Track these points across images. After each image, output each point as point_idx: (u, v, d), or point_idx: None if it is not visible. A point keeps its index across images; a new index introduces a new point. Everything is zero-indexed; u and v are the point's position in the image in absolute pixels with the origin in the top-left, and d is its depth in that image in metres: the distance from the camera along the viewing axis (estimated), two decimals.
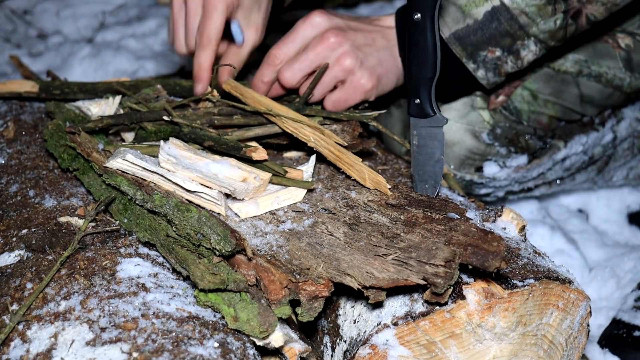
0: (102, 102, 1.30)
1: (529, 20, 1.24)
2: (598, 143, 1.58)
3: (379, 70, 1.30)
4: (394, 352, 0.98)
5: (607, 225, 1.80)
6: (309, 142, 1.15)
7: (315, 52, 1.27)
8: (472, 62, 1.30)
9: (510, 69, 1.31)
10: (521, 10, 1.23)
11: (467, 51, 1.29)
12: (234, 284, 0.93)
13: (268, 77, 1.31)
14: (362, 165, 1.13)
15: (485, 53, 1.28)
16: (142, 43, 2.55)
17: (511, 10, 1.24)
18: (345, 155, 1.13)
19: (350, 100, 1.30)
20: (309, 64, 1.28)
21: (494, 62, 1.29)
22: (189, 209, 1.00)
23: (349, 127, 1.23)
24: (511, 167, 1.51)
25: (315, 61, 1.28)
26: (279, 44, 1.30)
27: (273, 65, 1.29)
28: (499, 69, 1.31)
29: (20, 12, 2.77)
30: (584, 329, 1.09)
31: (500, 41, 1.27)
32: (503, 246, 0.95)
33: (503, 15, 1.24)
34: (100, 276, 0.98)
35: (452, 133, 1.46)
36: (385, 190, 1.11)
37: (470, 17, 1.26)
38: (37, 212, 1.12)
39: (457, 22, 1.27)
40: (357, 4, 2.77)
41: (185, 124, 1.17)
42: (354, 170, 1.13)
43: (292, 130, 1.17)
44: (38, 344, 0.90)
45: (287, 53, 1.29)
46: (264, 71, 1.30)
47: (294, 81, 1.28)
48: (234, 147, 1.12)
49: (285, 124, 1.18)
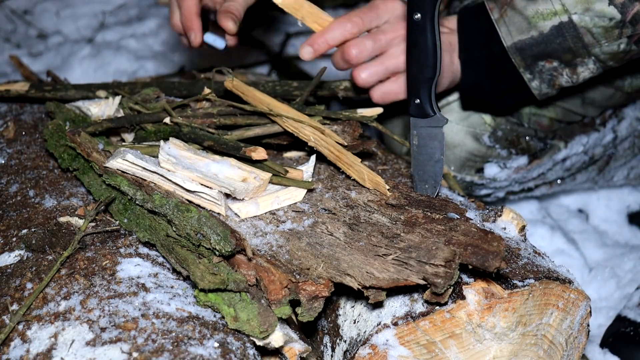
0: (102, 103, 1.30)
1: (593, 40, 1.24)
2: (599, 143, 1.58)
3: None
4: (394, 352, 0.98)
5: (607, 225, 1.80)
6: (309, 142, 1.16)
7: (386, 37, 1.28)
8: (528, 72, 1.30)
9: (564, 82, 1.31)
10: (588, 30, 1.23)
11: (526, 62, 1.29)
12: (234, 284, 0.93)
13: (336, 40, 1.29)
14: (361, 166, 1.13)
15: (544, 63, 1.28)
16: (142, 43, 2.55)
17: (578, 28, 1.23)
18: (344, 155, 1.13)
19: (400, 94, 1.30)
20: (379, 47, 1.28)
21: (550, 73, 1.29)
22: (189, 209, 1.00)
23: (349, 128, 1.23)
24: (511, 168, 1.51)
25: (383, 46, 1.28)
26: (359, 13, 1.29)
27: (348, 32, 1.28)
28: (554, 80, 1.31)
29: (20, 12, 2.77)
30: (584, 329, 1.09)
31: (561, 56, 1.27)
32: (503, 246, 0.95)
33: (569, 32, 1.24)
34: (100, 276, 0.98)
35: (453, 135, 1.46)
36: (384, 190, 1.11)
37: (535, 29, 1.26)
38: (37, 212, 1.12)
39: (521, 32, 1.26)
40: (357, 4, 2.77)
41: (184, 124, 1.17)
42: (354, 170, 1.13)
43: (292, 129, 1.17)
44: (38, 344, 0.90)
45: (365, 24, 1.29)
46: (334, 32, 1.28)
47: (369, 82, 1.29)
48: (233, 147, 1.12)
49: (285, 123, 1.18)
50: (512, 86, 1.34)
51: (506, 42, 1.28)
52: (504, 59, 1.29)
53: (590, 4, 1.21)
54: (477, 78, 1.35)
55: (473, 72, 1.34)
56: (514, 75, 1.31)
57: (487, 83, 1.35)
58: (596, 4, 1.21)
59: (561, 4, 1.23)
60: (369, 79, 1.29)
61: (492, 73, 1.33)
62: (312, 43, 1.29)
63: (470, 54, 1.33)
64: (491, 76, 1.33)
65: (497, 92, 1.36)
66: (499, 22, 1.28)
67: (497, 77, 1.33)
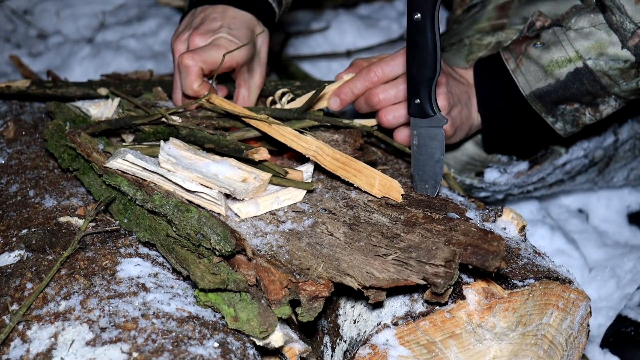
0: (102, 103, 1.30)
1: (611, 82, 1.25)
2: (599, 146, 1.58)
3: (457, 123, 1.32)
4: (394, 352, 0.98)
5: (607, 225, 1.80)
6: (308, 152, 1.13)
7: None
8: (551, 116, 1.31)
9: (588, 120, 1.32)
10: (604, 73, 1.24)
11: (547, 107, 1.30)
12: (234, 284, 0.93)
13: (359, 90, 1.30)
14: (373, 170, 1.10)
15: (565, 106, 1.30)
16: (142, 43, 2.55)
17: (594, 72, 1.24)
18: (353, 162, 1.11)
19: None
20: (404, 94, 1.27)
21: (573, 114, 1.31)
22: (189, 209, 1.00)
23: (350, 138, 1.22)
24: (512, 173, 1.52)
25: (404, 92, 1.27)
26: (382, 62, 1.29)
27: (369, 81, 1.29)
28: (577, 120, 1.32)
29: (20, 12, 2.77)
30: (584, 329, 1.09)
31: (580, 98, 1.28)
32: (503, 246, 0.95)
33: (586, 77, 1.25)
34: (100, 276, 0.98)
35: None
36: (398, 197, 1.09)
37: (552, 77, 1.27)
38: (37, 212, 1.12)
39: (538, 80, 1.28)
40: (357, 4, 2.77)
41: (182, 126, 1.16)
42: (362, 176, 1.11)
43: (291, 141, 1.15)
44: (38, 344, 0.90)
45: (386, 74, 1.28)
46: (358, 84, 1.29)
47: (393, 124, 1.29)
48: (235, 149, 1.11)
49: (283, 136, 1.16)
50: (534, 131, 1.36)
51: (524, 92, 1.30)
52: (524, 107, 1.31)
53: (603, 49, 1.23)
54: (498, 128, 1.37)
55: (494, 123, 1.37)
56: (536, 120, 1.33)
57: (509, 132, 1.37)
58: (609, 49, 1.22)
59: (574, 50, 1.24)
60: (393, 121, 1.29)
61: (514, 121, 1.35)
62: (338, 93, 1.31)
63: (489, 106, 1.35)
64: (513, 124, 1.36)
65: (520, 137, 1.38)
66: (515, 72, 1.30)
67: (519, 125, 1.35)
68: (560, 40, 1.26)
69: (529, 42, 1.29)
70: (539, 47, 1.28)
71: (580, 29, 1.24)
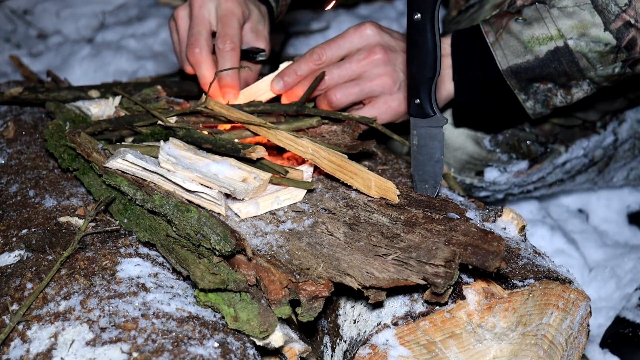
0: (102, 103, 1.30)
1: (589, 64, 1.24)
2: (599, 145, 1.58)
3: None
4: (394, 352, 0.98)
5: (607, 225, 1.80)
6: (305, 156, 1.14)
7: (358, 64, 1.28)
8: (523, 93, 1.30)
9: (559, 102, 1.31)
10: (583, 54, 1.24)
11: (521, 84, 1.29)
12: (234, 284, 0.93)
13: (303, 71, 1.30)
14: (369, 173, 1.11)
15: (538, 84, 1.29)
16: (142, 43, 2.55)
17: (574, 53, 1.24)
18: (348, 164, 1.11)
19: (378, 119, 1.30)
20: (350, 74, 1.28)
21: (545, 94, 1.30)
22: (189, 209, 1.00)
23: (349, 128, 1.22)
24: (511, 172, 1.52)
25: (356, 71, 1.28)
26: (325, 44, 1.29)
27: (313, 62, 1.29)
28: (548, 101, 1.31)
29: (20, 12, 2.78)
30: (584, 329, 1.09)
31: (556, 79, 1.28)
32: (503, 246, 0.95)
33: (565, 57, 1.24)
34: (100, 276, 0.98)
35: (454, 138, 1.46)
36: (394, 197, 1.10)
37: (531, 54, 1.26)
38: (37, 212, 1.12)
39: (517, 56, 1.27)
40: (357, 4, 2.77)
41: (178, 127, 1.16)
42: (358, 179, 1.11)
43: (288, 145, 1.16)
44: (38, 344, 0.90)
45: (330, 55, 1.29)
46: (302, 65, 1.30)
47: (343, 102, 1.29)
48: (232, 149, 1.11)
49: (280, 140, 1.16)
50: (505, 106, 1.35)
51: (501, 66, 1.28)
52: (499, 81, 1.30)
53: (585, 30, 1.22)
54: (471, 99, 1.35)
55: (467, 93, 1.35)
56: (508, 96, 1.31)
57: (480, 104, 1.35)
58: (592, 30, 1.21)
59: (557, 29, 1.23)
60: (343, 99, 1.29)
61: (487, 95, 1.33)
62: (282, 75, 1.32)
63: (464, 77, 1.33)
64: (485, 98, 1.34)
65: (490, 112, 1.37)
66: (494, 46, 1.28)
67: (492, 98, 1.33)
68: (543, 17, 1.24)
69: (511, 17, 1.27)
70: (521, 22, 1.26)
71: (564, 8, 1.23)
